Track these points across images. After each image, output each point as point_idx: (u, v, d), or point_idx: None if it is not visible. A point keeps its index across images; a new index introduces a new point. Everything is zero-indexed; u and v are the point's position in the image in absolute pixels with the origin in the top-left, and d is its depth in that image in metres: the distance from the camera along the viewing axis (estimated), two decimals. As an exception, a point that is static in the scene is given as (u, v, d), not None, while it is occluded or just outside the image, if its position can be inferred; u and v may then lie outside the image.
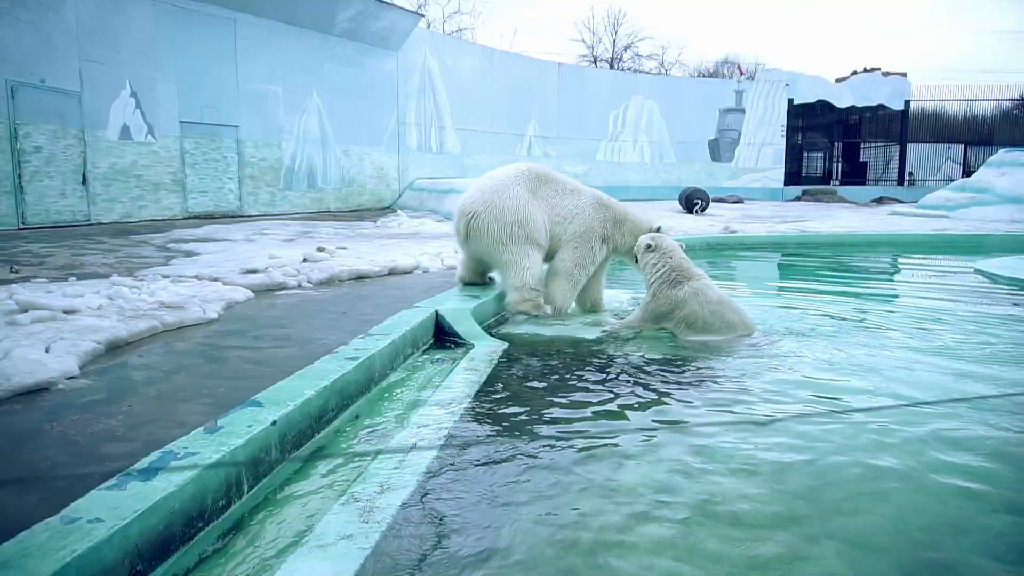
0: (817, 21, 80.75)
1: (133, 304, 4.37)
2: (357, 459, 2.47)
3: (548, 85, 24.95)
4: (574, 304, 5.06)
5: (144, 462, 1.95)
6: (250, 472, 2.19)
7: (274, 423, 2.34)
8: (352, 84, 17.36)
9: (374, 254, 7.53)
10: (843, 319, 4.84)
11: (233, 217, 14.27)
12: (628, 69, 40.40)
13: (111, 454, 2.16)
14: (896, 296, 6.54)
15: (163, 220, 12.94)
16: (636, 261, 4.71)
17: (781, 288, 6.81)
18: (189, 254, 7.91)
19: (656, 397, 3.13)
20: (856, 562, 1.85)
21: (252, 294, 5.25)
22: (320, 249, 7.40)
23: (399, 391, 3.27)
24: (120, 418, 2.52)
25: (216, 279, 5.69)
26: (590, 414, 2.92)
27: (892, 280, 8.14)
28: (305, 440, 2.57)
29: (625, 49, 44.30)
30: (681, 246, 4.53)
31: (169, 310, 4.27)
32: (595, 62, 43.19)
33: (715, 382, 3.40)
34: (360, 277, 6.28)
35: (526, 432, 2.73)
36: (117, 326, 3.74)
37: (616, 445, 2.58)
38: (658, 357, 3.85)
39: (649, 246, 4.45)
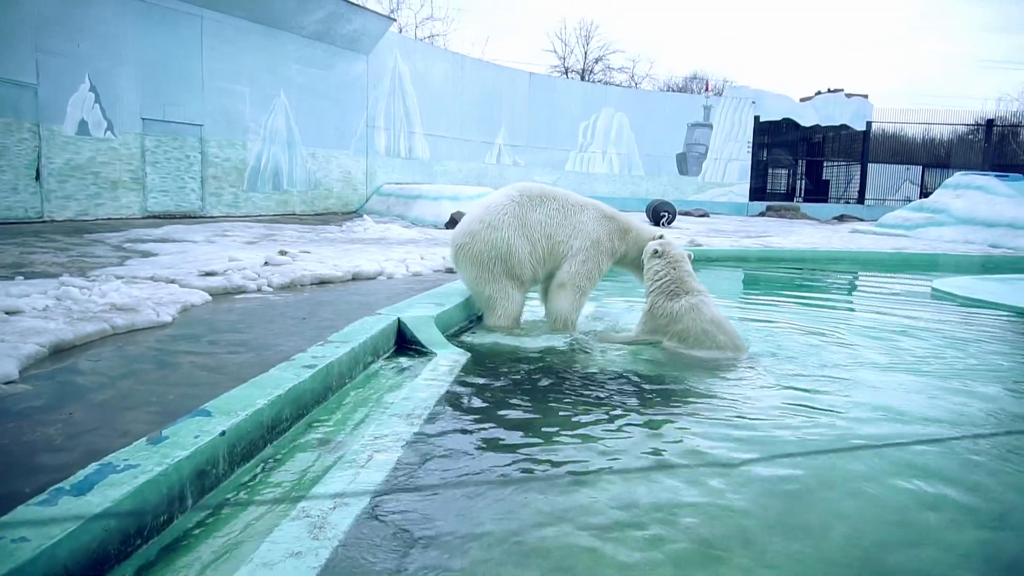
0: (783, 41, 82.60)
1: (82, 305, 4.20)
2: (310, 472, 2.37)
3: (519, 94, 24.99)
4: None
5: (80, 475, 1.84)
6: (195, 485, 2.08)
7: (223, 434, 2.24)
8: (321, 86, 17.16)
9: (338, 259, 7.40)
10: (814, 335, 4.88)
11: (194, 218, 13.95)
12: (599, 81, 40.75)
13: (45, 465, 2.04)
14: (856, 312, 6.63)
15: (120, 219, 12.59)
16: (637, 271, 4.69)
17: (746, 301, 6.86)
18: (146, 255, 7.69)
19: (621, 410, 3.09)
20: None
21: (209, 297, 5.10)
22: (282, 252, 7.25)
23: (358, 401, 3.18)
24: (59, 426, 2.39)
25: (172, 281, 5.52)
26: (552, 426, 2.86)
27: (852, 297, 8.27)
28: (256, 451, 2.47)
29: (596, 61, 44.72)
30: (689, 256, 4.42)
31: (120, 312, 4.11)
32: (566, 73, 43.48)
33: (680, 394, 3.38)
34: (323, 282, 6.15)
35: (487, 444, 2.66)
36: (63, 328, 3.59)
37: (578, 459, 2.53)
38: (619, 370, 3.82)
39: (656, 251, 4.32)
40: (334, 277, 6.27)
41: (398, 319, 4.17)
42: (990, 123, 30.34)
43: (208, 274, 5.83)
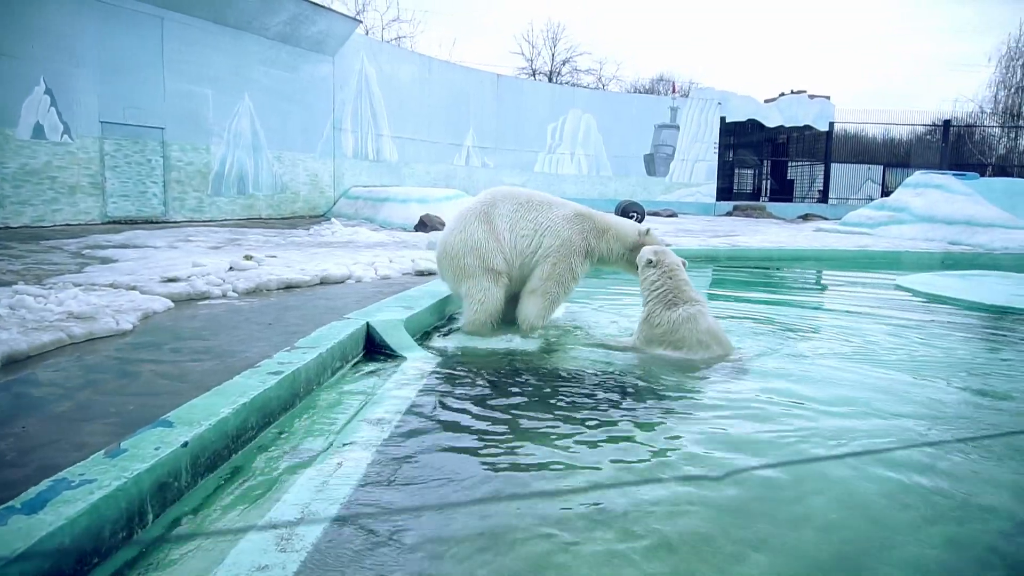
0: (748, 43, 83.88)
1: (37, 314, 4.06)
2: (277, 482, 2.31)
3: (487, 96, 24.97)
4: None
5: (32, 492, 1.75)
6: (156, 499, 2.01)
7: (185, 445, 2.16)
8: (286, 89, 16.93)
9: (305, 263, 7.28)
10: (785, 331, 4.92)
11: (157, 223, 13.65)
12: (566, 83, 40.90)
13: (-5, 482, 1.95)
14: (824, 309, 6.72)
15: (79, 225, 12.26)
16: (629, 267, 4.65)
17: (716, 297, 6.91)
18: (105, 261, 7.48)
19: (592, 411, 3.07)
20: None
21: (172, 304, 4.97)
22: (248, 257, 7.11)
23: (326, 407, 3.11)
24: (11, 440, 2.29)
25: (133, 288, 5.37)
26: (523, 430, 2.83)
27: (820, 294, 8.39)
28: (221, 462, 2.40)
29: (563, 63, 44.88)
30: (683, 263, 4.37)
31: (78, 321, 3.98)
32: (534, 75, 43.57)
33: (654, 395, 3.37)
34: (289, 287, 6.05)
35: (458, 450, 2.62)
36: (16, 338, 3.46)
37: (551, 465, 2.50)
38: (591, 372, 3.80)
39: (650, 261, 4.24)
40: (301, 281, 6.17)
41: (367, 323, 4.10)
42: (947, 124, 31.12)
43: (171, 280, 5.69)
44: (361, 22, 19.21)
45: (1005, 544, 2.01)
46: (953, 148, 31.13)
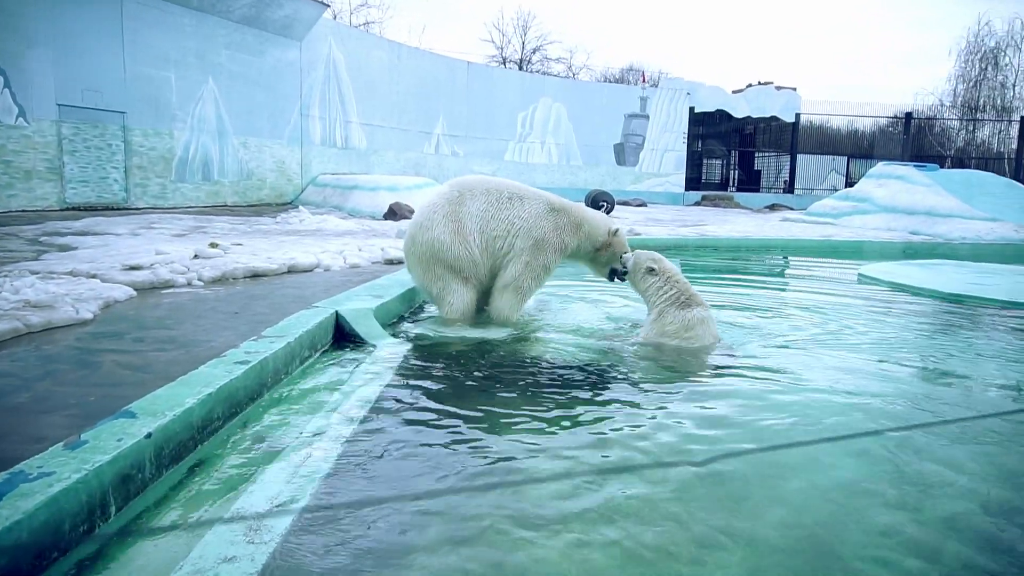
0: (716, 33, 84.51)
1: (-8, 303, 3.94)
2: (245, 473, 2.27)
3: (457, 83, 24.80)
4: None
5: (-13, 486, 1.70)
6: (119, 492, 1.96)
7: (149, 436, 2.11)
8: (252, 73, 16.62)
9: (272, 251, 7.17)
10: (756, 318, 4.98)
11: (118, 209, 13.33)
12: (537, 71, 40.81)
13: (-51, 476, 1.88)
14: (792, 296, 6.83)
15: (36, 211, 11.92)
16: (592, 264, 4.61)
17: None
18: (64, 248, 7.28)
19: (564, 400, 3.08)
20: (753, 558, 1.84)
21: (134, 292, 4.86)
22: (213, 245, 6.98)
23: (294, 397, 3.07)
24: (-35, 433, 2.22)
25: (94, 276, 5.24)
26: (494, 420, 2.83)
27: (787, 282, 8.52)
28: (186, 453, 2.35)
29: (534, 52, 44.79)
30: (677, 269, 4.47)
31: (35, 310, 3.87)
32: (504, 63, 43.39)
33: (626, 383, 3.39)
34: (256, 275, 5.95)
35: (429, 440, 2.60)
36: (-30, 327, 3.35)
37: (521, 455, 2.50)
38: (563, 360, 3.81)
39: (651, 269, 4.31)
40: (268, 270, 6.07)
41: (336, 312, 4.05)
42: (908, 116, 31.77)
43: (133, 268, 5.56)
44: (328, 6, 18.90)
45: (966, 523, 2.06)
46: (914, 140, 31.81)
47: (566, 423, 2.80)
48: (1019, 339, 4.80)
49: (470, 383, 3.32)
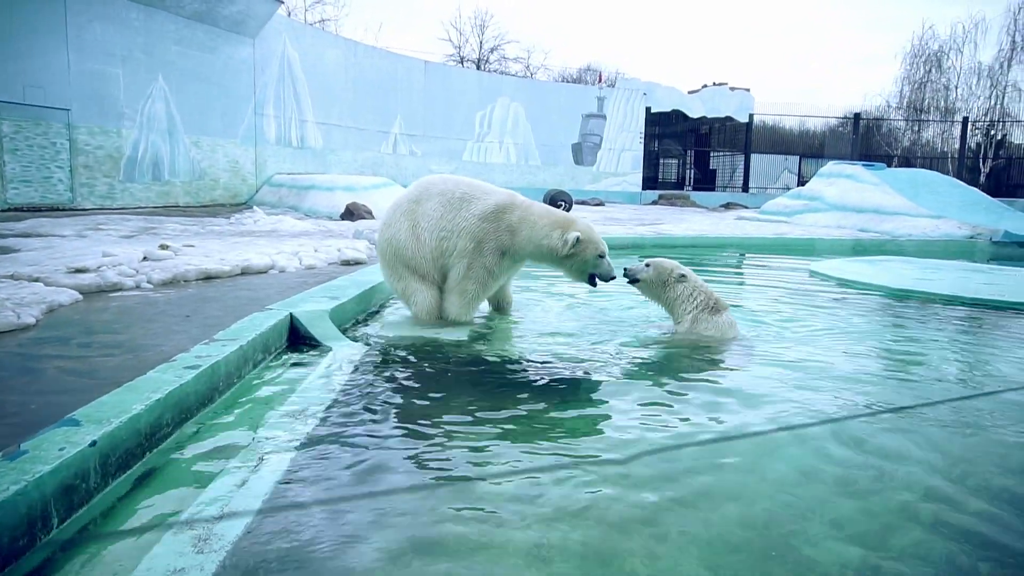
0: (672, 34, 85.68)
1: (-74, 308, 3.77)
2: (195, 480, 2.22)
3: (415, 82, 24.65)
4: (485, 304, 4.87)
5: (-83, 500, 1.62)
6: (62, 502, 1.89)
7: (93, 444, 2.05)
8: (204, 70, 16.25)
9: (225, 252, 7.02)
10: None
11: (63, 210, 12.90)
12: (495, 71, 40.81)
13: None
14: (746, 292, 6.96)
15: (-24, 212, 11.47)
16: (560, 267, 4.53)
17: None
18: (5, 251, 7.02)
19: (522, 398, 3.08)
20: (708, 551, 1.87)
21: (80, 296, 4.71)
22: (163, 247, 6.81)
23: (247, 402, 3.01)
24: None
25: (37, 279, 5.06)
26: (452, 422, 2.81)
27: (742, 279, 8.68)
28: (134, 461, 2.28)
29: (492, 51, 44.79)
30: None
31: (-27, 315, 3.72)
32: (462, 62, 43.29)
33: (586, 381, 3.41)
34: (208, 277, 5.82)
35: (385, 443, 2.58)
36: (-98, 334, 3.20)
37: (479, 457, 2.49)
38: (522, 358, 3.82)
39: (683, 275, 4.48)
40: (221, 272, 5.95)
41: (290, 314, 3.99)
42: (857, 116, 32.69)
43: (79, 271, 5.38)
44: (282, 3, 18.58)
45: (915, 510, 2.13)
46: (863, 140, 32.76)
47: (524, 422, 2.80)
48: (962, 332, 4.98)
49: (426, 384, 3.30)
